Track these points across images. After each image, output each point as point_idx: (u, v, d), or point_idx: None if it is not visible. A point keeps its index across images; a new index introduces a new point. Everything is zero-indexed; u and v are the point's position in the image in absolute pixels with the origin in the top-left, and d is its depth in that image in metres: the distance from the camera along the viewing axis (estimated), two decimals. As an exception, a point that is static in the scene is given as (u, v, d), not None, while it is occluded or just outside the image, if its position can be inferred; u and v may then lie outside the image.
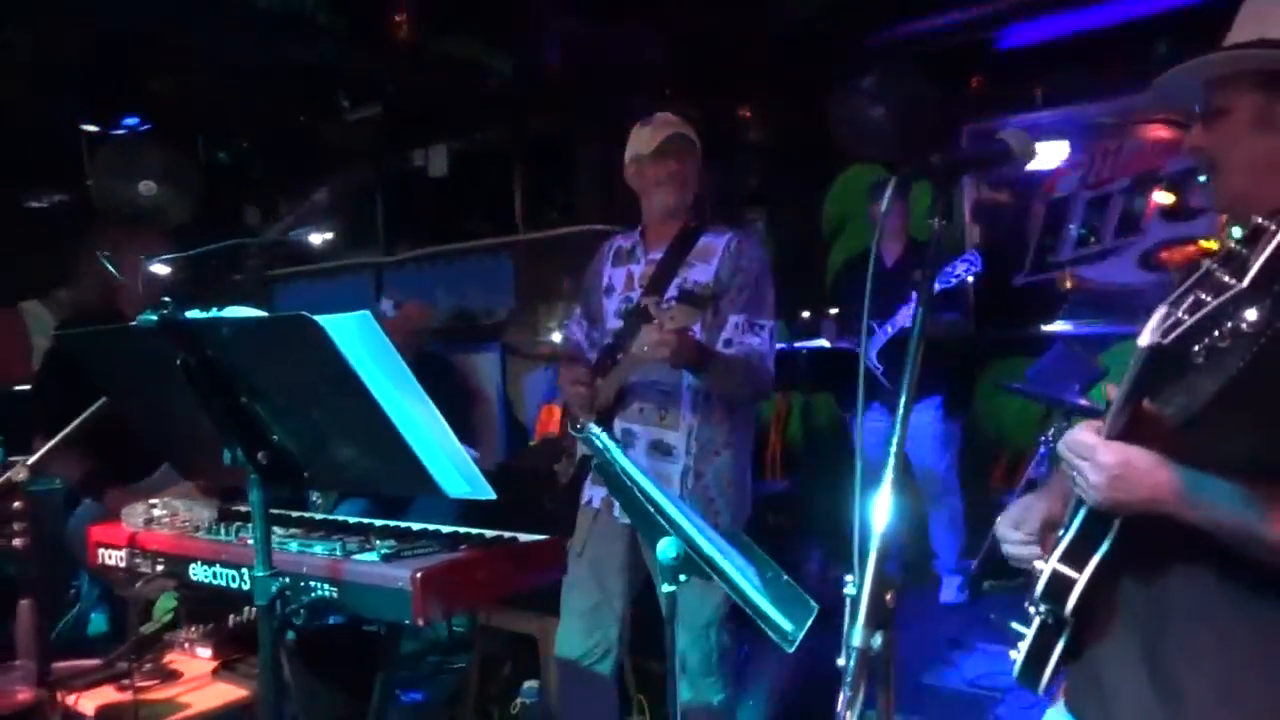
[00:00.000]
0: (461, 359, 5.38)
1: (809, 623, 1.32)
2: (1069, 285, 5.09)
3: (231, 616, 2.35)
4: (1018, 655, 1.33)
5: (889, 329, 4.34)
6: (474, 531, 1.86)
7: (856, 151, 5.33)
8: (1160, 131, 4.93)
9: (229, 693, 2.15)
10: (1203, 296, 0.93)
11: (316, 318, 1.26)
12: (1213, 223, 4.77)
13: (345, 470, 1.54)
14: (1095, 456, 1.09)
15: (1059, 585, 1.21)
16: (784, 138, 5.53)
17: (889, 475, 1.11)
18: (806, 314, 4.83)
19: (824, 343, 4.31)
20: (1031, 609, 1.28)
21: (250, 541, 1.78)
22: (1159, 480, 1.07)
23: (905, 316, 4.26)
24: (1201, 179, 1.30)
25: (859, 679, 1.05)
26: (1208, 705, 1.15)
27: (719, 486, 2.46)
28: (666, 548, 1.50)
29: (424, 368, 4.44)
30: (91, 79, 4.68)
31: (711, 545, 1.37)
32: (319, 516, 2.21)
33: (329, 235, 2.27)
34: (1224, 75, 1.24)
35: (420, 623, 1.53)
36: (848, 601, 1.09)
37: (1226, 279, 0.92)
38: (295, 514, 2.23)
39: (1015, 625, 1.34)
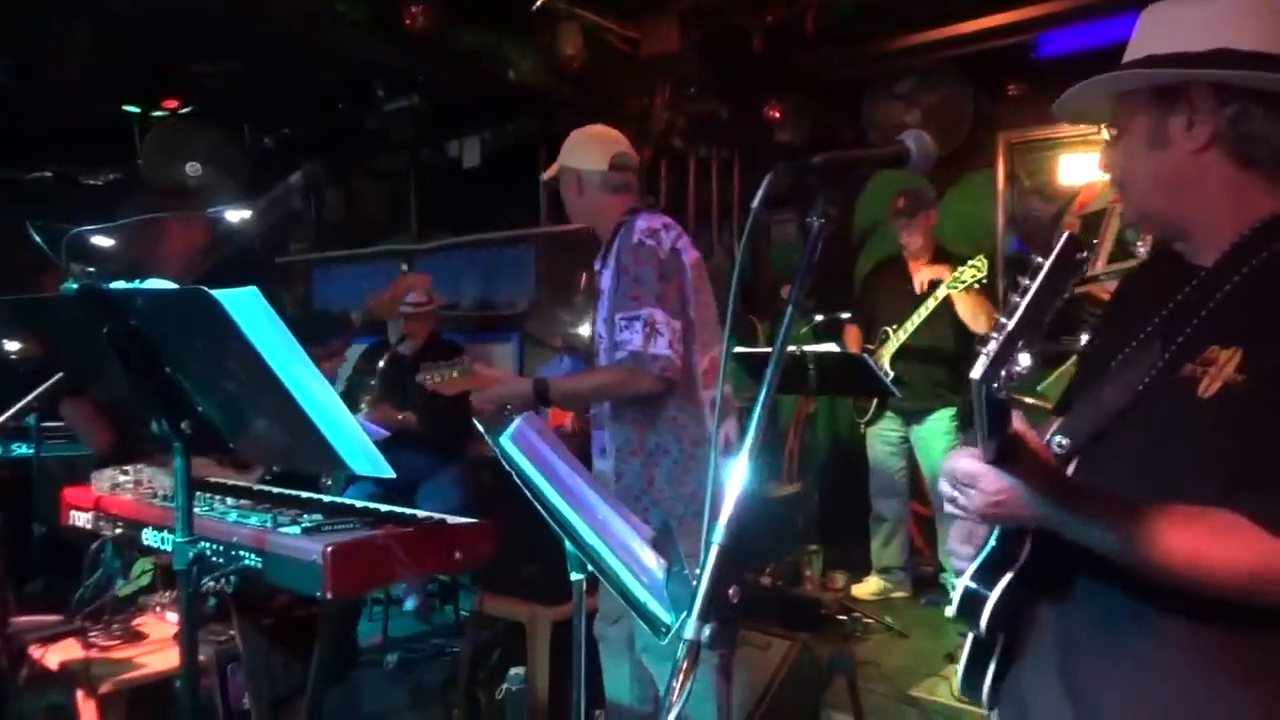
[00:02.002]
0: (481, 347, 5.47)
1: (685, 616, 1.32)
2: (1101, 298, 4.94)
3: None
4: (959, 668, 1.35)
5: (903, 335, 4.29)
6: (407, 512, 1.90)
7: (891, 156, 5.25)
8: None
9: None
10: (994, 334, 0.94)
11: (213, 291, 1.31)
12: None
13: (264, 443, 1.58)
14: (977, 484, 1.11)
15: (971, 603, 1.23)
16: (816, 139, 5.48)
17: (739, 470, 1.10)
18: (819, 318, 4.78)
19: (834, 347, 4.26)
20: None
21: (198, 511, 1.86)
22: (1032, 510, 1.09)
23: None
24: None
25: (688, 672, 1.05)
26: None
27: (640, 486, 2.47)
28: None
29: (441, 355, 4.57)
30: (143, 64, 4.86)
31: (604, 542, 1.38)
32: (275, 490, 2.28)
33: (246, 215, 2.33)
34: (1123, 93, 1.23)
35: (329, 596, 1.57)
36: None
37: (1003, 319, 0.94)
38: (259, 488, 2.30)
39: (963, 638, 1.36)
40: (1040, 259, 0.95)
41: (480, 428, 1.48)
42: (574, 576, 1.58)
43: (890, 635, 4.11)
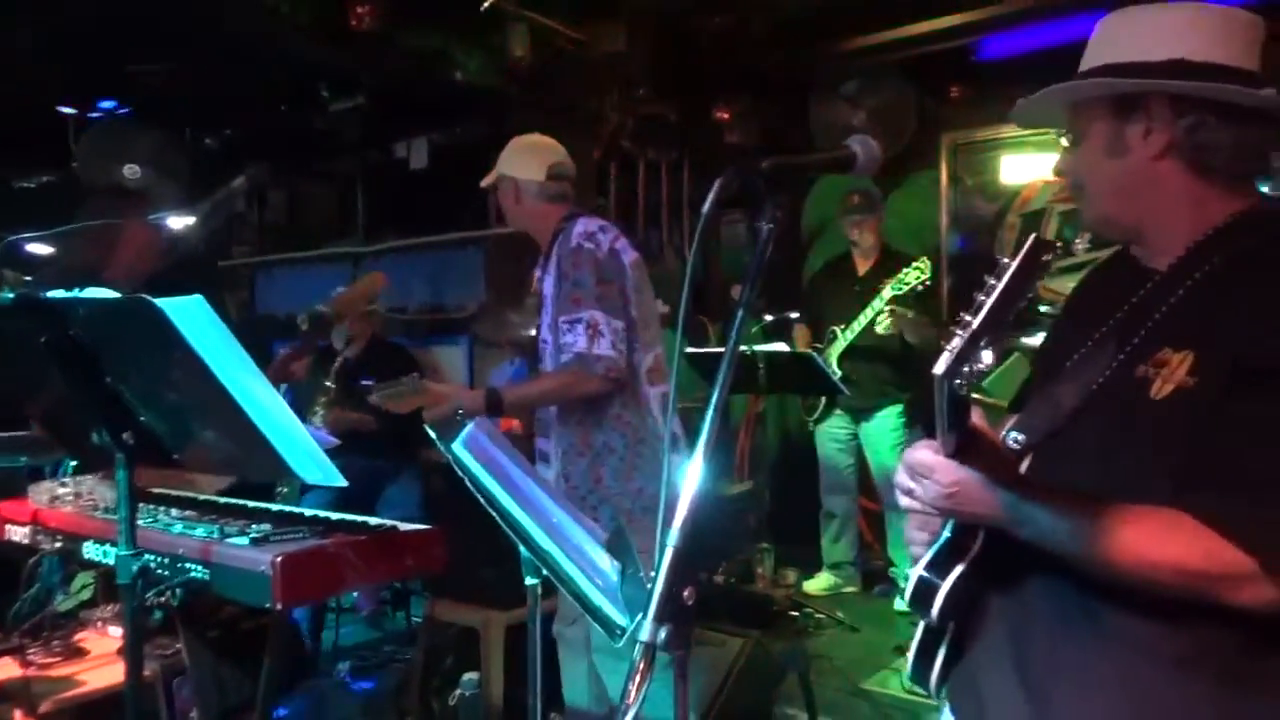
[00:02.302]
0: (431, 350, 5.42)
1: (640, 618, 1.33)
2: (1042, 296, 5.06)
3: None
4: (909, 655, 1.36)
5: (850, 335, 4.35)
6: (358, 519, 1.88)
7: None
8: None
9: (130, 671, 2.17)
10: (958, 331, 0.96)
11: (156, 300, 1.28)
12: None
13: (211, 454, 1.56)
14: (933, 476, 1.11)
15: (924, 591, 1.24)
16: (764, 140, 5.52)
17: (694, 471, 1.10)
18: (768, 317, 4.83)
19: (783, 346, 4.31)
20: None
21: (141, 523, 1.82)
22: (987, 501, 1.10)
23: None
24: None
25: (644, 674, 1.06)
26: (1073, 715, 1.18)
27: (589, 485, 2.49)
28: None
29: (384, 358, 4.52)
30: (77, 63, 4.73)
31: (558, 546, 1.38)
32: (221, 499, 2.24)
33: (190, 220, 2.29)
34: (1079, 102, 1.25)
35: (279, 607, 1.55)
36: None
37: (968, 316, 0.96)
38: (203, 497, 2.26)
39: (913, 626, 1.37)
40: (1007, 259, 0.96)
41: (433, 434, 1.47)
42: (529, 581, 1.58)
43: (841, 630, 4.16)
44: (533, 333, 5.15)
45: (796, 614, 4.24)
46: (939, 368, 0.97)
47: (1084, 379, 1.22)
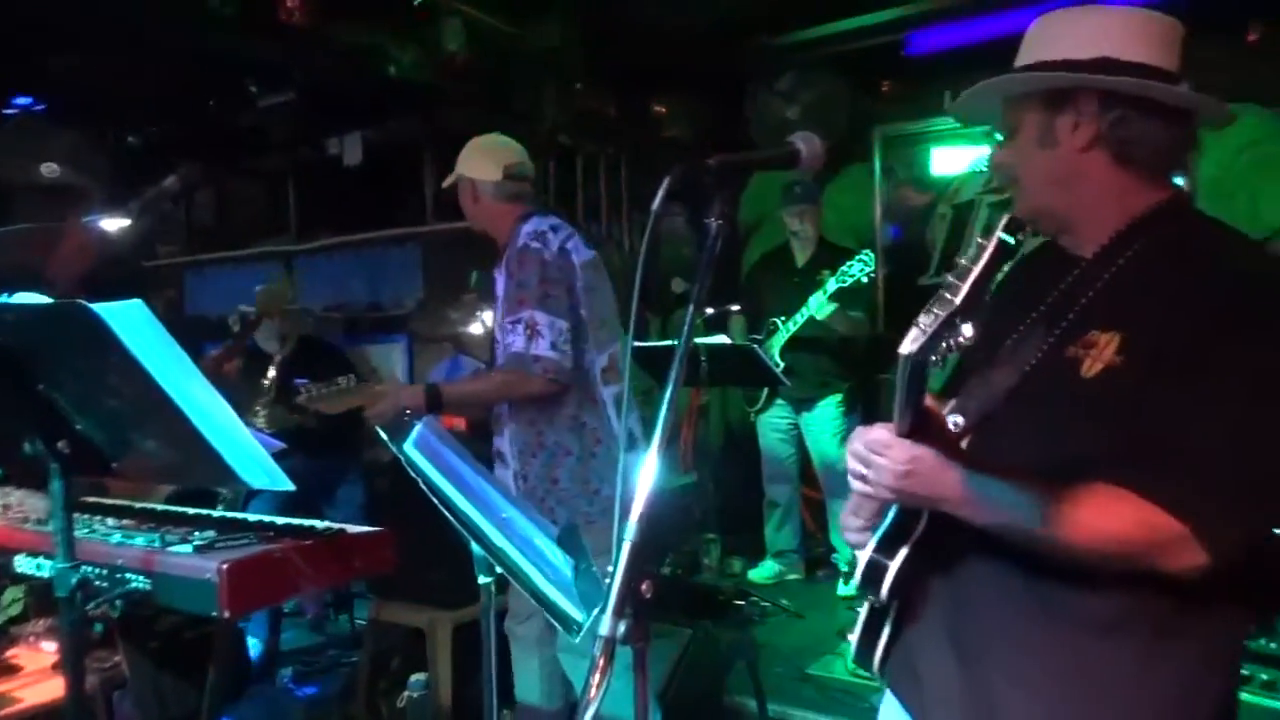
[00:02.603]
0: (369, 349, 5.35)
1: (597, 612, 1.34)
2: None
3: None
4: (853, 637, 1.40)
5: (791, 327, 4.40)
6: (305, 523, 1.85)
7: (773, 151, 5.38)
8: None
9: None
10: (936, 310, 0.99)
11: (94, 306, 1.25)
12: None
13: (152, 461, 1.52)
14: (888, 453, 1.13)
15: (874, 572, 1.27)
16: (703, 135, 5.56)
17: (649, 466, 1.12)
18: (709, 310, 4.87)
19: (725, 339, 4.35)
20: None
21: (77, 534, 1.76)
22: (944, 479, 1.12)
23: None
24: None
25: (604, 669, 1.07)
26: (1005, 689, 1.23)
27: (545, 486, 2.49)
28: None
29: (317, 358, 4.45)
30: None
31: (512, 543, 1.38)
32: (160, 508, 2.18)
33: (125, 222, 2.23)
34: (1014, 96, 1.31)
35: (227, 615, 1.52)
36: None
37: (948, 295, 0.99)
38: (141, 505, 2.20)
39: (856, 609, 1.42)
40: (982, 240, 1.00)
41: (383, 436, 1.46)
42: (482, 580, 1.57)
43: (787, 617, 4.23)
44: (473, 329, 5.14)
45: (743, 603, 4.30)
46: (907, 346, 1.00)
47: (1018, 362, 1.27)
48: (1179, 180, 1.38)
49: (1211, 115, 1.28)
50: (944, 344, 1.00)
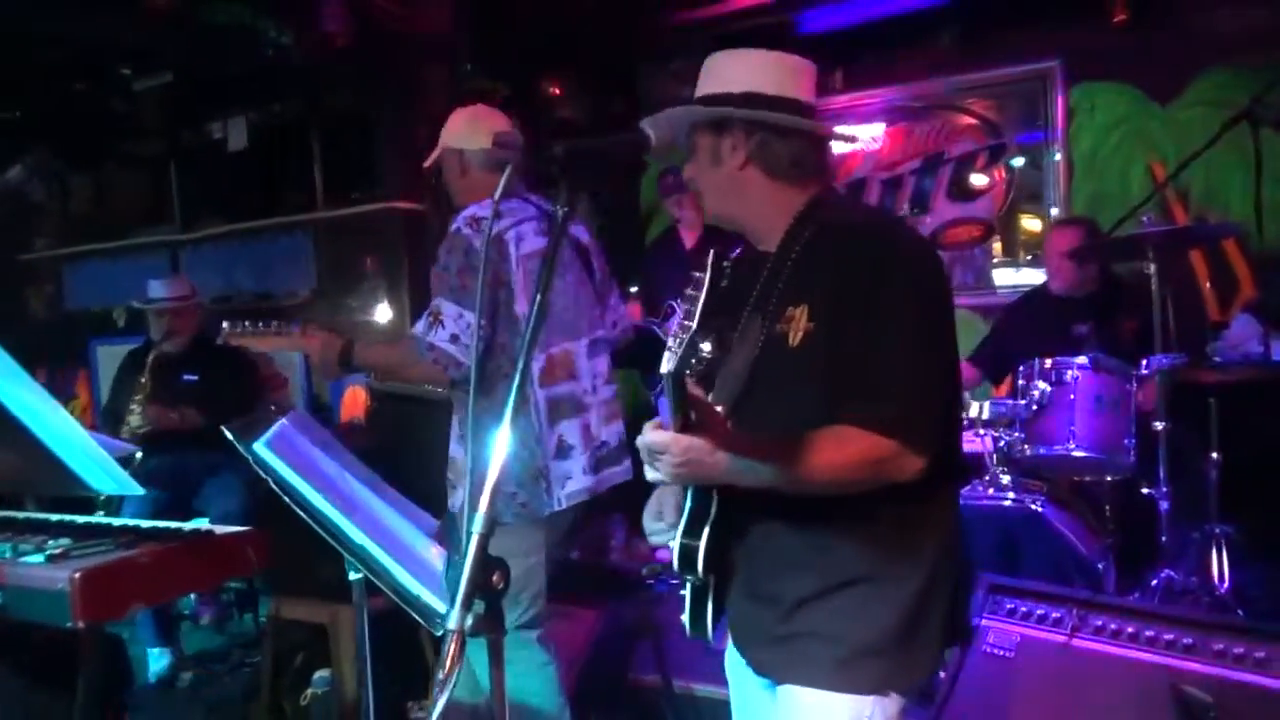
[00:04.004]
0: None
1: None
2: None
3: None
4: (684, 616, 1.62)
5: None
6: (171, 526, 1.80)
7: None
8: (949, 116, 5.20)
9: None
10: (680, 335, 1.21)
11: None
12: (991, 205, 5.09)
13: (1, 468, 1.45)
14: (669, 450, 1.30)
15: (688, 554, 1.50)
16: (598, 116, 5.54)
17: (492, 470, 1.14)
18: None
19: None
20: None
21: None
22: (714, 462, 1.32)
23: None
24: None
25: (454, 660, 1.08)
26: (791, 609, 1.49)
27: (456, 472, 2.48)
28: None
29: (212, 359, 4.30)
30: None
31: (373, 539, 1.37)
32: (20, 515, 2.08)
33: None
34: (693, 123, 1.56)
35: (81, 625, 1.47)
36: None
37: (687, 322, 1.22)
38: (12, 514, 2.10)
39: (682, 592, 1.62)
40: (700, 274, 1.25)
41: (231, 436, 1.42)
42: (352, 576, 1.55)
43: (692, 593, 4.28)
44: (375, 316, 5.02)
45: (652, 582, 4.33)
46: (665, 366, 1.19)
47: (746, 349, 1.53)
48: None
49: (829, 134, 1.61)
50: (691, 360, 1.24)
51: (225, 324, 2.55)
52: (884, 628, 1.45)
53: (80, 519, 1.95)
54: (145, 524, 1.83)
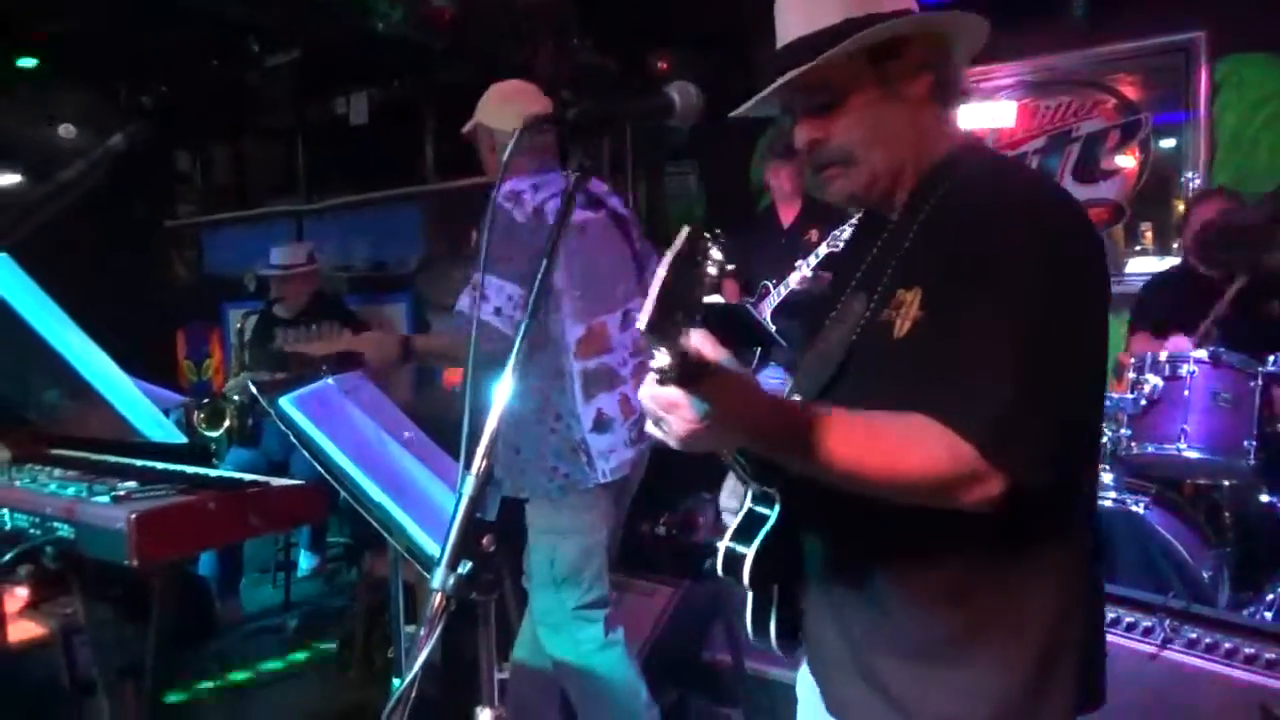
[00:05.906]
0: (374, 308, 5.40)
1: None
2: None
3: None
4: (747, 621, 1.39)
5: (783, 290, 4.34)
6: (232, 476, 1.89)
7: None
8: (1078, 91, 4.88)
9: (29, 630, 2.19)
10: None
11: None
12: (1123, 187, 4.76)
13: (58, 414, 1.56)
14: (676, 411, 1.04)
15: (731, 561, 1.28)
16: (711, 90, 5.45)
17: (489, 431, 1.13)
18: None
19: (719, 299, 4.31)
20: None
21: (19, 484, 1.83)
22: (735, 426, 1.08)
23: (796, 279, 4.24)
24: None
25: (434, 622, 1.08)
26: (880, 658, 1.23)
27: (509, 454, 2.47)
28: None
29: (321, 311, 4.50)
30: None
31: (391, 498, 1.40)
32: (113, 459, 2.22)
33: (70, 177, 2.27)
34: (834, 63, 1.20)
35: (135, 563, 1.56)
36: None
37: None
38: (96, 458, 2.25)
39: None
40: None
41: (254, 389, 1.47)
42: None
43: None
44: (474, 289, 5.14)
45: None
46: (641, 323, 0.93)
47: (842, 333, 1.26)
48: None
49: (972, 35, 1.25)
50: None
51: (278, 332, 2.60)
52: (989, 702, 1.16)
53: (158, 465, 2.07)
54: (211, 473, 1.93)
